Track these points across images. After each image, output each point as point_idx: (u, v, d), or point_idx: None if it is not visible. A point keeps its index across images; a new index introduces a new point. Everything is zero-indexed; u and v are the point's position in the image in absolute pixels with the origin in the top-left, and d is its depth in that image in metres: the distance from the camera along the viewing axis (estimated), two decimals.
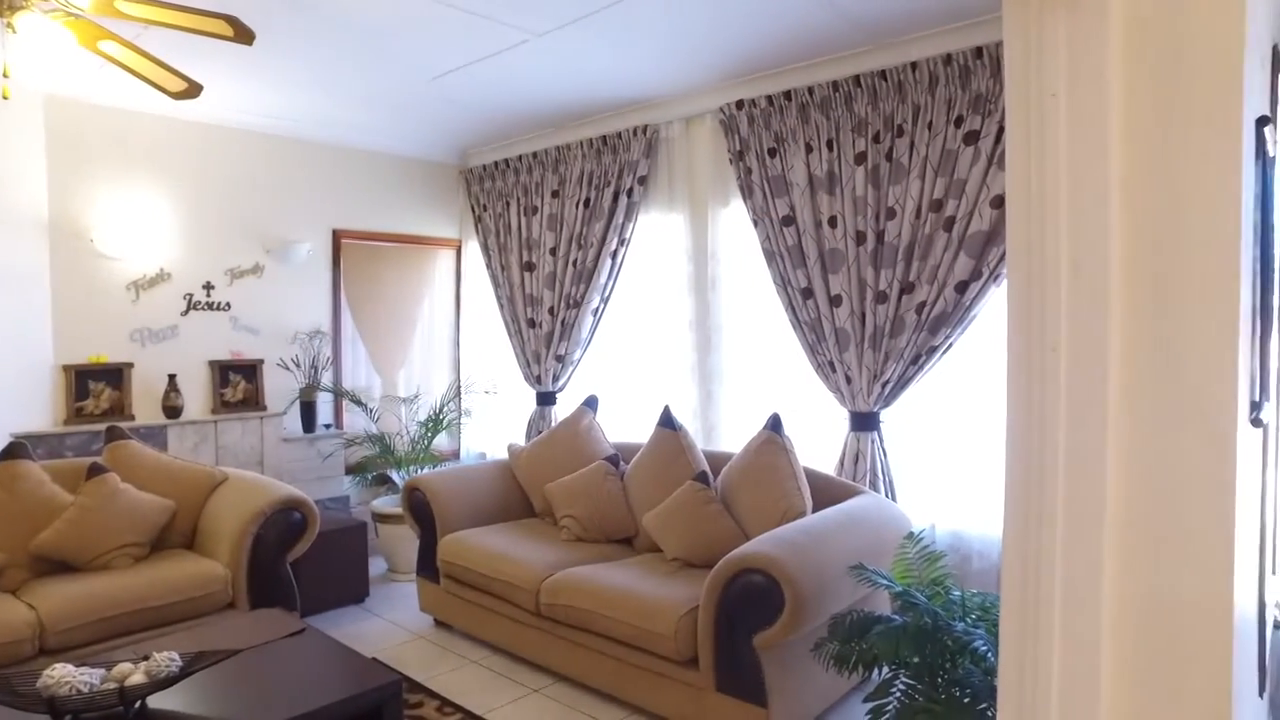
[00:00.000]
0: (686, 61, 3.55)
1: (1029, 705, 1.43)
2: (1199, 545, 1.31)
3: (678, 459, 3.39)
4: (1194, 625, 1.31)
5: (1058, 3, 1.38)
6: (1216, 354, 1.29)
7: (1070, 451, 1.37)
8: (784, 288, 3.52)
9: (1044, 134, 1.39)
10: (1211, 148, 1.29)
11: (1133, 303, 1.34)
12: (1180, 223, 1.31)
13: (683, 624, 2.64)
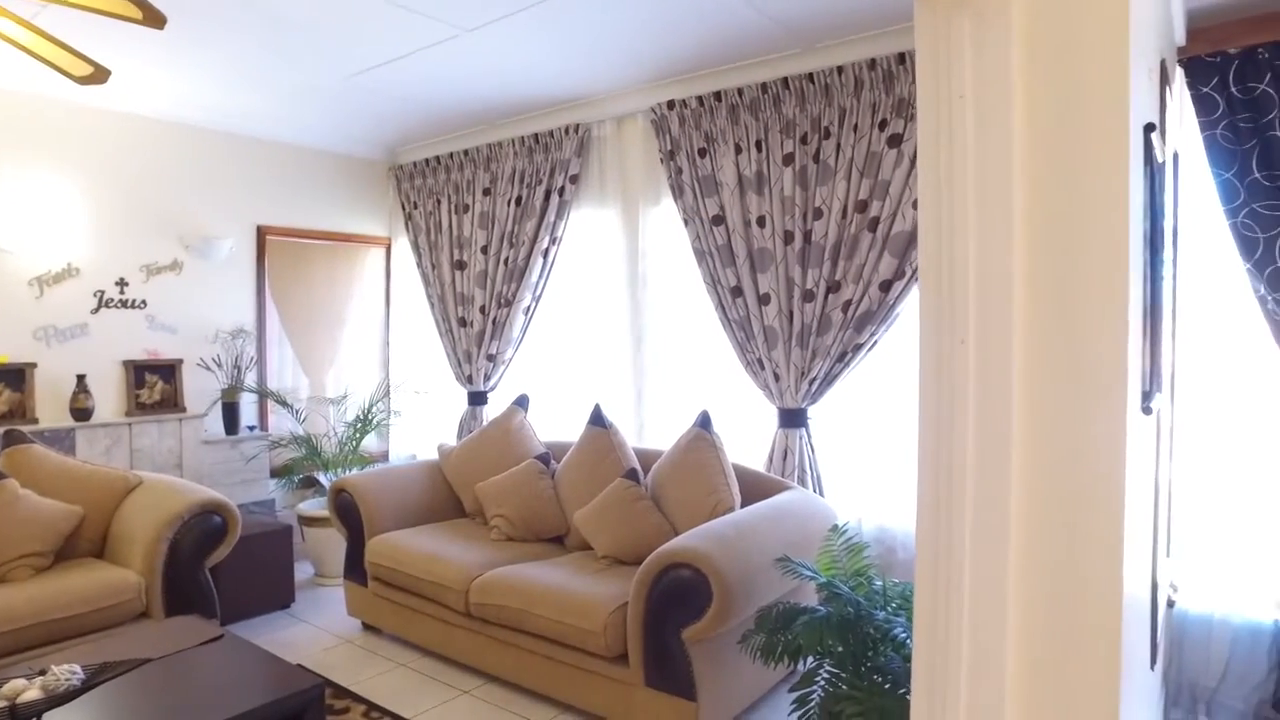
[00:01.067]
0: (617, 60, 3.56)
1: (940, 680, 1.48)
2: (1093, 528, 1.37)
3: (608, 457, 3.39)
4: (1088, 604, 1.38)
5: (964, 7, 1.44)
6: (1109, 347, 1.35)
7: (978, 439, 1.42)
8: (714, 286, 3.56)
9: (952, 134, 1.44)
10: (1102, 152, 1.35)
11: (1036, 298, 1.40)
12: (1077, 223, 1.37)
13: (612, 620, 2.64)
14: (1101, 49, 1.35)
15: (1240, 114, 2.77)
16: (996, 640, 1.42)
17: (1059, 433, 1.39)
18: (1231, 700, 2.85)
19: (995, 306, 1.40)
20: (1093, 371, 1.36)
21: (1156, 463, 2.15)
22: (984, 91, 1.42)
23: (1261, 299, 2.77)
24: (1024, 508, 1.41)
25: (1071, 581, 1.39)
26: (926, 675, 1.50)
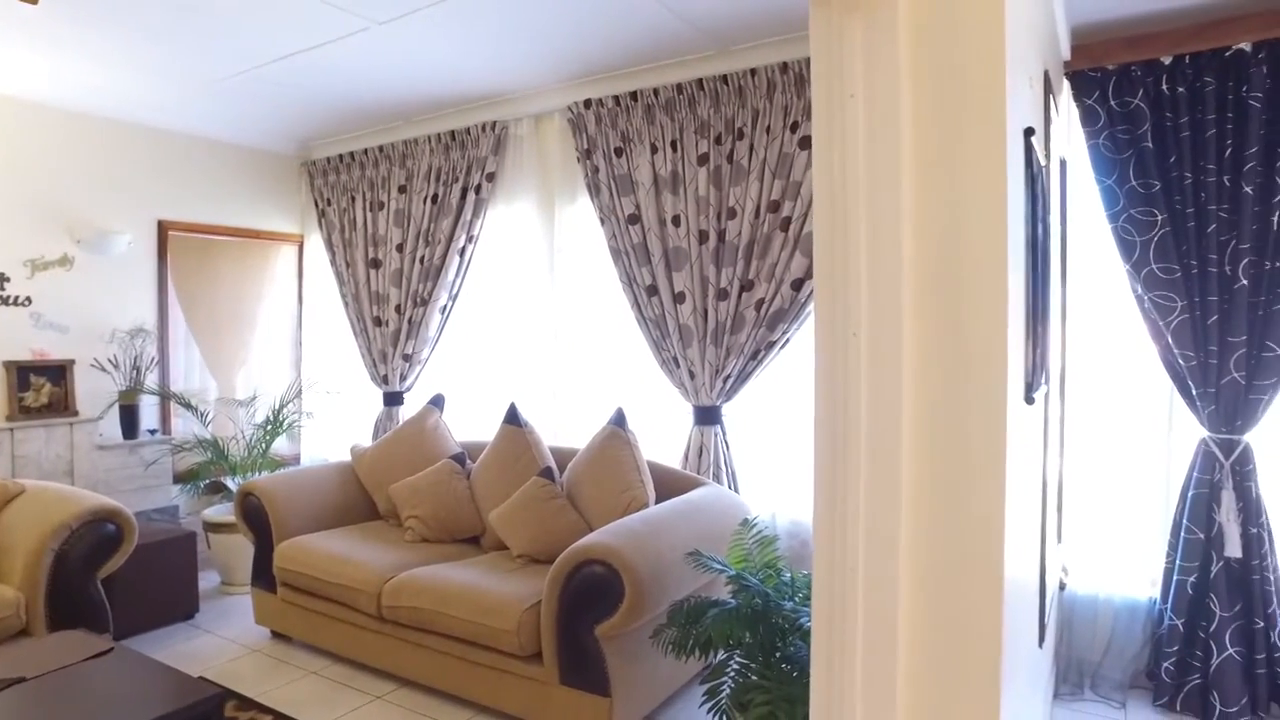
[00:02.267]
0: (534, 59, 3.55)
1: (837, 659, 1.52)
2: (977, 511, 1.43)
3: (523, 456, 3.37)
4: (973, 585, 1.44)
5: (855, 11, 1.49)
6: (991, 340, 1.42)
7: (870, 427, 1.47)
8: (630, 285, 3.58)
9: (844, 133, 1.49)
10: (982, 153, 1.42)
11: (924, 292, 1.46)
12: (960, 221, 1.44)
13: (526, 618, 2.63)
14: (980, 55, 1.42)
15: (1119, 126, 2.94)
16: (888, 621, 1.47)
17: (945, 421, 1.45)
18: (1112, 673, 3.03)
19: (885, 301, 1.45)
20: (976, 363, 1.43)
21: (1045, 451, 2.27)
22: (874, 92, 1.47)
23: (1139, 299, 2.95)
24: (914, 494, 1.47)
25: (957, 563, 1.45)
26: (825, 654, 1.54)
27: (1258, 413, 2.79)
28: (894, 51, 1.45)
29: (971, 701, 1.45)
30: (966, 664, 1.45)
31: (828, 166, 1.50)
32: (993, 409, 1.41)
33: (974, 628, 1.44)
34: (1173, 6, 2.80)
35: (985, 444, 1.42)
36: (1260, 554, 2.80)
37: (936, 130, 1.45)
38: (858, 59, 1.48)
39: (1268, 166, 2.74)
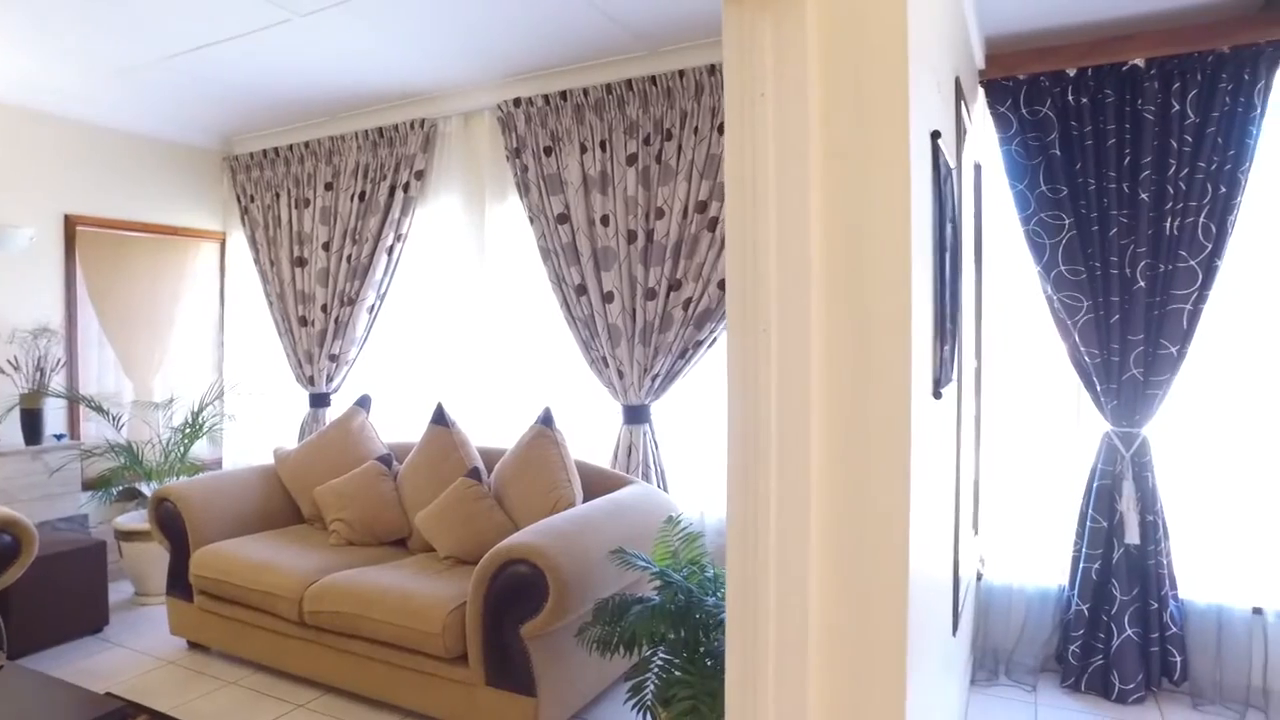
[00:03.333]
0: (462, 56, 3.51)
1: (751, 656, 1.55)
2: (882, 503, 1.47)
3: (450, 456, 3.33)
4: (879, 574, 1.48)
5: (765, 11, 1.52)
6: (894, 336, 1.46)
7: (780, 421, 1.50)
8: (559, 284, 3.58)
9: (754, 131, 1.52)
10: (886, 154, 1.46)
11: (831, 289, 1.50)
12: (865, 220, 1.48)
13: (451, 620, 2.60)
14: (884, 58, 1.47)
15: (1029, 133, 3.07)
16: (799, 610, 1.50)
17: (852, 415, 1.49)
18: (1025, 658, 3.14)
19: (794, 298, 1.49)
20: (881, 359, 1.47)
21: (957, 445, 2.34)
22: (783, 92, 1.51)
23: (1049, 299, 3.07)
24: (822, 486, 1.51)
25: (864, 553, 1.49)
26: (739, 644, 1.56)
27: (1154, 407, 2.94)
28: (802, 52, 1.49)
29: (879, 687, 1.49)
30: (874, 651, 1.49)
31: (738, 165, 1.53)
32: (897, 403, 1.46)
33: (880, 616, 1.48)
34: (1073, 22, 2.94)
35: (890, 437, 1.46)
36: (1155, 540, 2.95)
37: (843, 131, 1.49)
38: (768, 58, 1.52)
39: (1160, 175, 2.89)
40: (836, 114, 1.49)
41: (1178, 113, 2.85)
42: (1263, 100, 2.77)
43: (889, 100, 1.46)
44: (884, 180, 1.46)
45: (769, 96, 1.50)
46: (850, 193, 1.48)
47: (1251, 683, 2.88)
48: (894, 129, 1.46)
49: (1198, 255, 2.85)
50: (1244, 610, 2.90)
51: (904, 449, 1.45)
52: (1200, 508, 3.04)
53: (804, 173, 1.48)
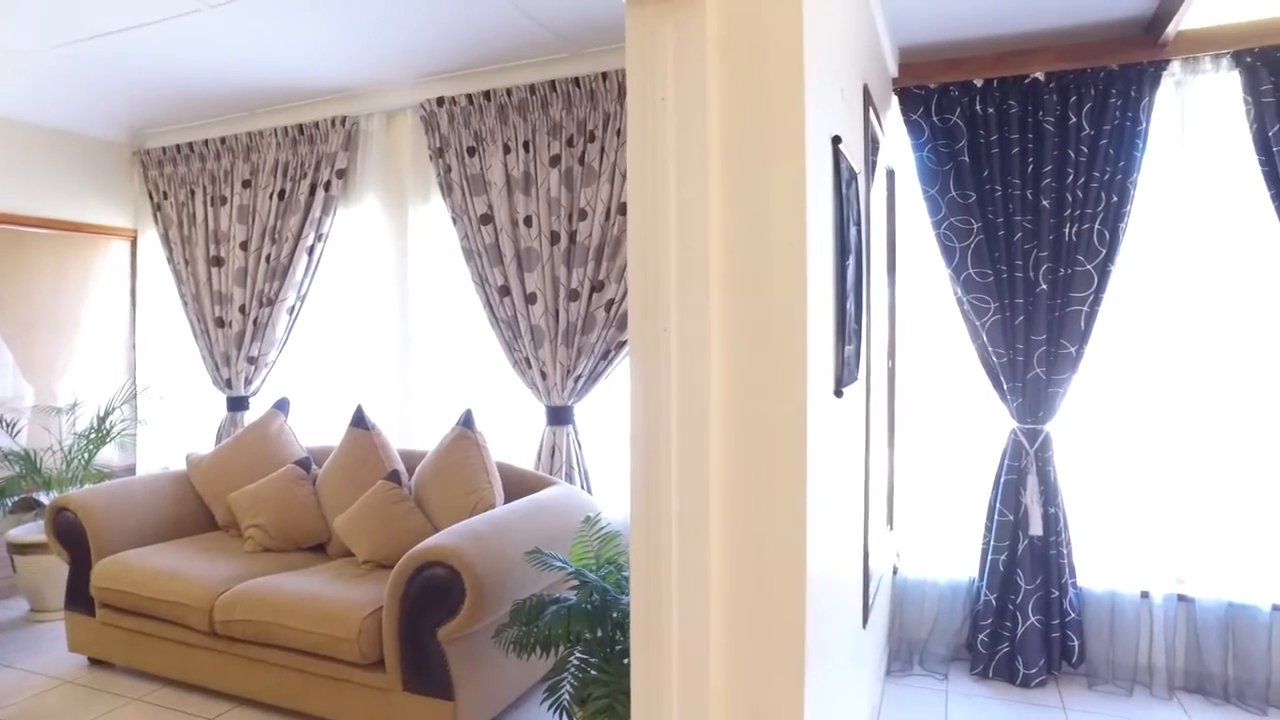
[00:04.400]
0: (383, 53, 3.45)
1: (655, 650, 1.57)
2: (781, 498, 1.51)
3: (370, 459, 3.28)
4: (778, 568, 1.52)
5: (667, 16, 1.54)
6: (791, 336, 1.50)
7: (681, 419, 1.52)
8: (482, 286, 3.55)
9: (656, 135, 1.54)
10: (784, 158, 1.50)
11: (731, 290, 1.53)
12: (763, 222, 1.51)
13: (367, 625, 2.56)
14: (781, 64, 1.50)
15: (940, 140, 3.18)
16: (701, 604, 1.53)
17: (751, 413, 1.52)
18: (938, 648, 3.25)
19: (694, 299, 1.51)
20: (778, 358, 1.51)
21: (866, 443, 2.41)
22: (684, 96, 1.53)
23: (959, 300, 3.19)
24: (723, 483, 1.54)
25: (764, 548, 1.52)
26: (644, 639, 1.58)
27: (1055, 404, 3.08)
28: (702, 57, 1.52)
29: (779, 678, 1.52)
30: (774, 643, 1.52)
31: (640, 168, 1.55)
32: (794, 402, 1.50)
33: (780, 609, 1.52)
34: (979, 35, 3.05)
35: (788, 435, 1.50)
36: (1057, 531, 3.08)
37: (742, 135, 1.52)
38: (669, 63, 1.54)
39: (1060, 183, 3.03)
40: (736, 118, 1.52)
41: (1074, 124, 3.00)
42: (1147, 116, 2.93)
43: (786, 105, 1.50)
44: (781, 184, 1.50)
45: (670, 100, 1.53)
46: (749, 196, 1.52)
47: (1139, 661, 3.04)
48: (791, 133, 1.49)
49: (1093, 260, 3.00)
50: (1133, 594, 3.07)
51: (801, 446, 1.49)
52: (1095, 499, 3.19)
53: (704, 176, 1.51)
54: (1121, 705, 2.94)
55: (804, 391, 1.49)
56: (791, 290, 1.49)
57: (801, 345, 1.48)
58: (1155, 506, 3.10)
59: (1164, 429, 3.10)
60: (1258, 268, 2.99)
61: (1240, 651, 2.94)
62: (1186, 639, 3.02)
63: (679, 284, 1.52)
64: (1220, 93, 2.97)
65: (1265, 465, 3.01)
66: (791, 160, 1.49)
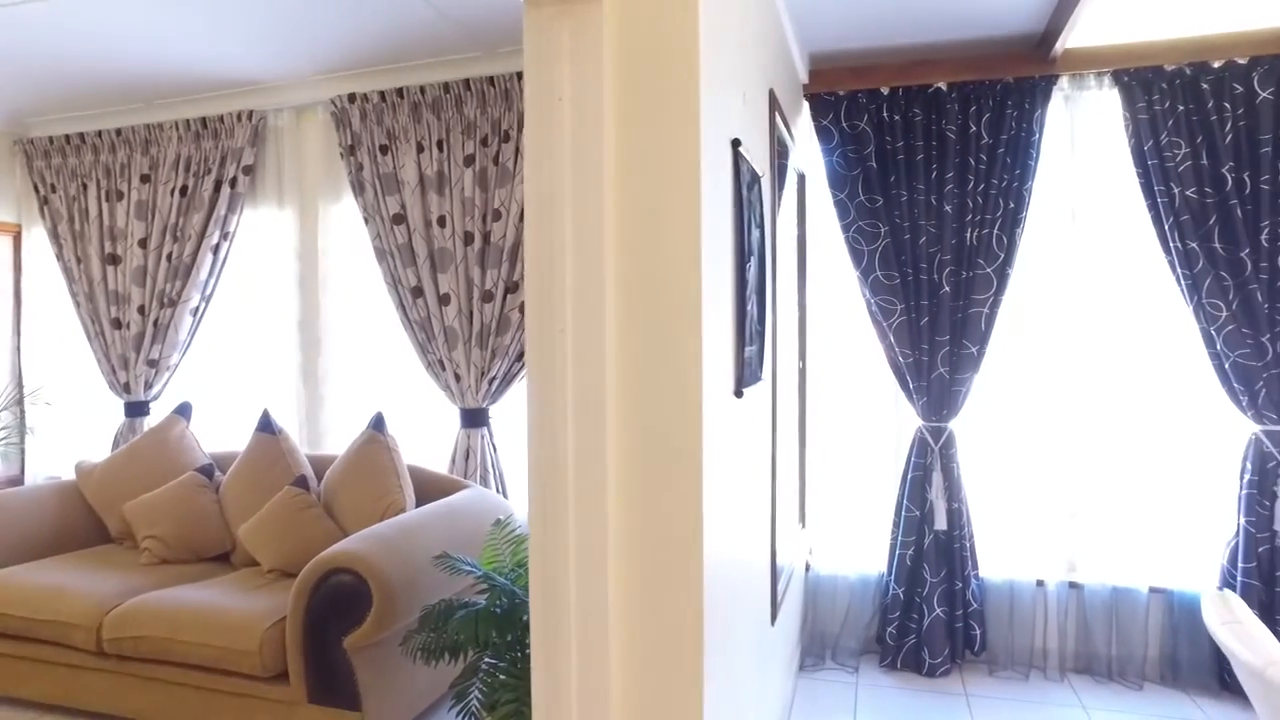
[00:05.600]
0: (290, 45, 3.34)
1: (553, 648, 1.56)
2: (677, 498, 1.52)
3: (277, 464, 3.17)
4: (676, 567, 1.53)
5: (565, 17, 1.54)
6: (686, 337, 1.51)
7: (577, 419, 1.52)
8: (395, 287, 3.48)
9: (552, 135, 1.53)
10: (679, 160, 1.51)
11: (627, 291, 1.53)
12: (659, 224, 1.52)
13: (269, 636, 2.47)
14: (677, 68, 1.52)
15: (849, 146, 3.26)
16: (599, 605, 1.53)
17: (647, 413, 1.53)
18: (849, 642, 3.33)
19: (589, 299, 1.51)
20: (674, 359, 1.52)
21: (773, 442, 2.45)
22: (581, 97, 1.53)
23: (867, 302, 3.27)
24: (619, 483, 1.54)
25: (662, 548, 1.53)
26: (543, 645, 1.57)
27: (958, 403, 3.20)
28: (599, 57, 1.52)
29: (678, 676, 1.53)
30: (672, 642, 1.53)
31: (537, 168, 1.54)
32: (689, 402, 1.51)
33: (677, 608, 1.53)
34: (886, 45, 3.15)
35: (683, 435, 1.51)
36: (960, 525, 3.20)
37: (638, 136, 1.53)
38: (565, 63, 1.53)
39: (961, 189, 3.14)
40: (631, 119, 1.53)
41: (974, 133, 3.12)
42: (1040, 127, 3.08)
43: (682, 107, 1.51)
44: (676, 185, 1.51)
45: (567, 100, 1.52)
46: (645, 196, 1.53)
47: (1034, 645, 3.19)
48: (686, 135, 1.51)
49: (993, 263, 3.12)
50: (1030, 583, 3.21)
51: (696, 446, 1.50)
52: (996, 493, 3.33)
53: (600, 176, 1.51)
54: (1019, 689, 3.07)
55: (699, 391, 1.51)
56: (686, 291, 1.51)
57: (696, 345, 1.50)
58: (1049, 499, 3.25)
59: (1056, 426, 3.25)
60: (1139, 274, 3.17)
61: (1122, 632, 3.11)
62: (1077, 623, 3.17)
63: (574, 284, 1.52)
64: (1104, 108, 3.14)
65: (1145, 459, 3.19)
66: (687, 161, 1.51)
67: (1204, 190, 2.92)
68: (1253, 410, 2.92)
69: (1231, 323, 2.91)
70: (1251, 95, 2.87)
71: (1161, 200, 2.97)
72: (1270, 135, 2.86)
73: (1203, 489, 3.13)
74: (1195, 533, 3.14)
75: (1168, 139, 2.95)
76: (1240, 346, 2.91)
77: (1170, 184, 2.95)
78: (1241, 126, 2.89)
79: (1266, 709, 1.31)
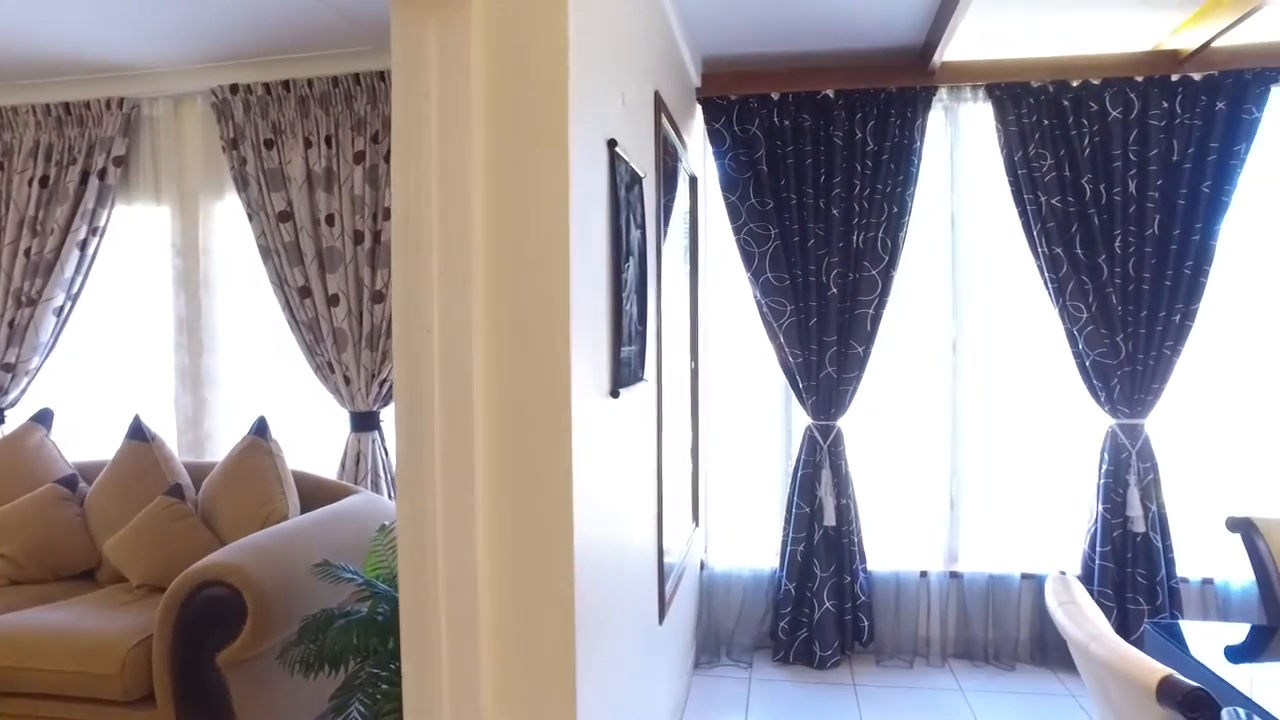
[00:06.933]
0: (165, 30, 3.16)
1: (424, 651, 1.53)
2: (548, 499, 1.51)
3: (150, 473, 2.99)
4: (547, 568, 1.52)
5: (432, 11, 1.51)
6: (555, 338, 1.51)
7: (444, 421, 1.49)
8: (281, 286, 3.35)
9: (419, 130, 1.50)
10: (548, 159, 1.51)
11: (495, 292, 1.51)
12: (528, 222, 1.51)
13: (133, 657, 2.33)
14: (546, 67, 1.51)
15: (741, 149, 3.32)
16: (469, 606, 1.50)
17: (516, 414, 1.51)
18: (743, 638, 3.40)
19: (457, 299, 1.49)
20: (543, 359, 1.51)
21: (658, 443, 2.47)
22: (448, 93, 1.50)
23: (758, 303, 3.34)
24: (489, 484, 1.52)
25: (533, 551, 1.52)
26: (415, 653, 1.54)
27: (846, 401, 3.30)
28: (466, 54, 1.49)
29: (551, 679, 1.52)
30: (545, 644, 1.52)
31: (404, 164, 1.51)
32: (559, 403, 1.50)
33: (550, 610, 1.52)
34: (776, 51, 3.23)
35: (553, 436, 1.50)
36: (848, 521, 3.31)
37: (508, 133, 1.51)
38: (433, 58, 1.51)
39: (848, 194, 3.25)
40: (501, 117, 1.51)
41: (860, 140, 3.23)
42: (921, 135, 3.21)
43: (551, 106, 1.51)
44: (546, 184, 1.51)
45: (434, 96, 1.50)
46: (513, 195, 1.51)
47: (918, 634, 3.33)
48: (555, 134, 1.50)
49: (878, 266, 3.24)
50: (914, 574, 3.34)
51: (566, 447, 1.50)
52: (881, 489, 3.46)
53: (467, 174, 1.49)
54: (903, 676, 3.19)
55: (568, 391, 1.50)
56: (555, 290, 1.50)
57: (565, 345, 1.50)
58: (931, 492, 3.40)
59: (937, 422, 3.40)
60: (1012, 277, 3.35)
61: (997, 617, 3.28)
62: (956, 611, 3.32)
63: (441, 283, 1.49)
64: (979, 119, 3.30)
65: (1018, 453, 3.38)
66: (556, 160, 1.50)
67: (1067, 199, 3.11)
68: (1109, 405, 3.12)
69: (1091, 324, 3.11)
70: (1105, 113, 3.07)
71: (1030, 207, 3.15)
72: (1120, 151, 3.06)
73: (1069, 480, 3.33)
74: (1062, 521, 3.34)
75: (1035, 150, 3.13)
76: (1099, 346, 3.11)
77: (1038, 192, 3.13)
78: (1097, 142, 3.09)
79: (1089, 679, 1.40)
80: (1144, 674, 1.20)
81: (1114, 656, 1.28)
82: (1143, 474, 3.11)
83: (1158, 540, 3.10)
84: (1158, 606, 3.07)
